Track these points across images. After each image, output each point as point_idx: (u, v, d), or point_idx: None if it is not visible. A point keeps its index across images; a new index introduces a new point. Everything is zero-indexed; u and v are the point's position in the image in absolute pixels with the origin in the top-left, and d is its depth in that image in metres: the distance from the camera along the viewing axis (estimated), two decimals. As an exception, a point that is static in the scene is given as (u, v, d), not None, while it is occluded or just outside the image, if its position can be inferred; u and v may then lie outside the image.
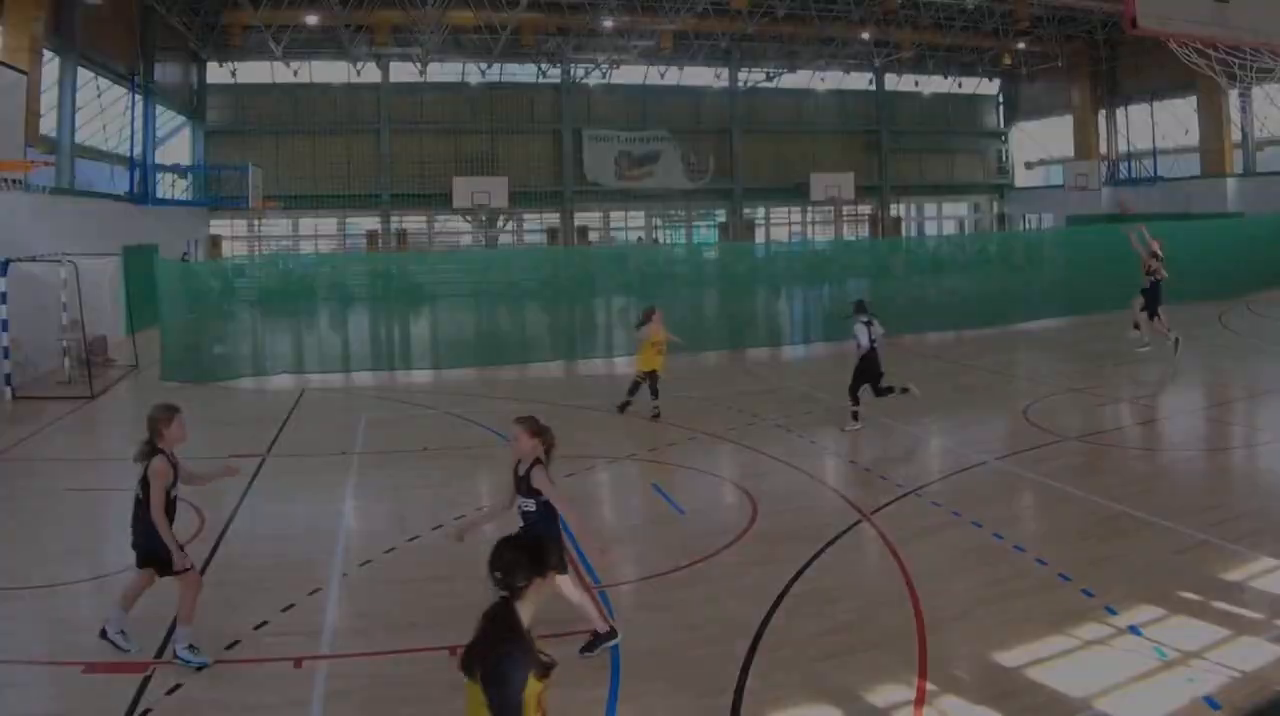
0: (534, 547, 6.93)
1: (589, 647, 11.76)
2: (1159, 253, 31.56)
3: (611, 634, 11.81)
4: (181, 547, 12.11)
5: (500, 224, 76.01)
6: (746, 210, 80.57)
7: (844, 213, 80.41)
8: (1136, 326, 31.59)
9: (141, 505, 12.00)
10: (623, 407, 26.31)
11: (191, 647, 11.83)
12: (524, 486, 11.81)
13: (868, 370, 23.36)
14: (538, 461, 11.75)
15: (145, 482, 11.96)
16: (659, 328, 26.00)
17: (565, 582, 11.63)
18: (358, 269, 51.40)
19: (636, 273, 50.32)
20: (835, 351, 36.26)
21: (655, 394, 25.98)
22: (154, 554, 12.01)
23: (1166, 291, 31.37)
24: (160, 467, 11.96)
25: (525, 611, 6.79)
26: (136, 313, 39.65)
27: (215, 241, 69.37)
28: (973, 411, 26.64)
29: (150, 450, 12.02)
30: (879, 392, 23.52)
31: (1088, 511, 16.93)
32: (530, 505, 11.83)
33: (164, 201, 56.19)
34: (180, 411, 12.43)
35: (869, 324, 23.16)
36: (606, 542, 12.08)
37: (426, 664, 11.93)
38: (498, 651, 6.55)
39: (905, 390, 23.51)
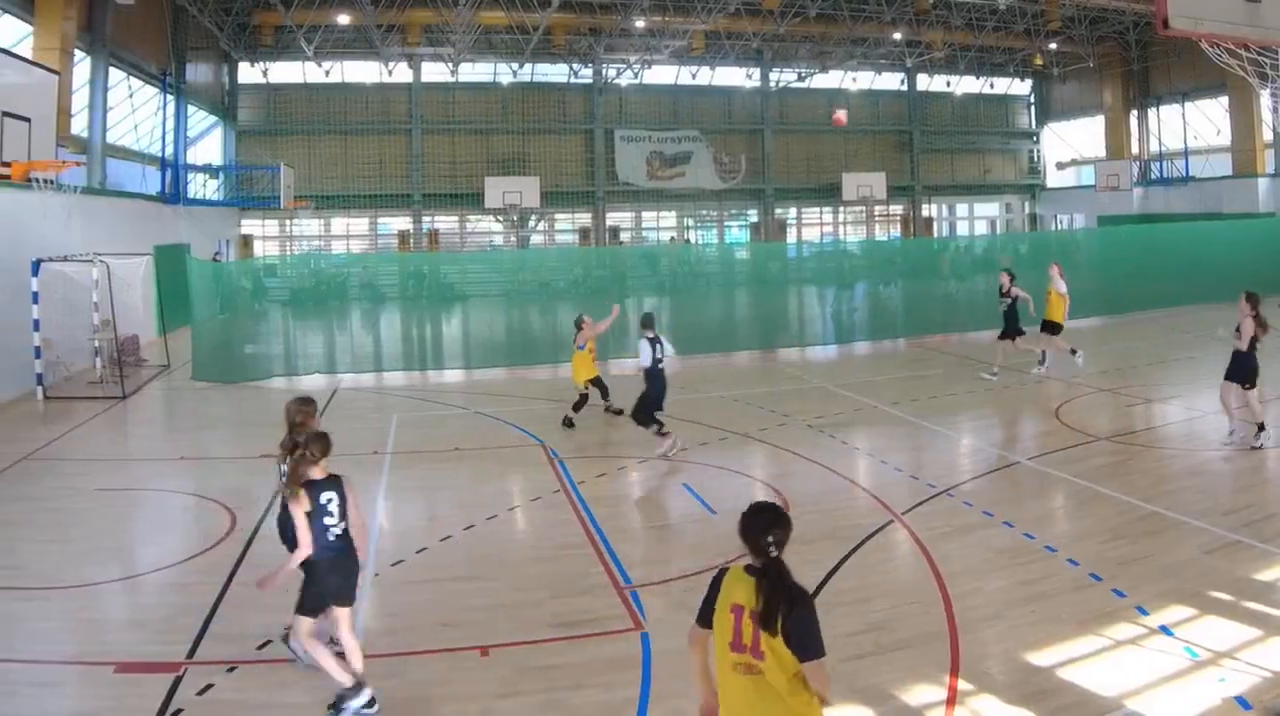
0: (778, 508, 7.51)
1: (334, 708, 10.87)
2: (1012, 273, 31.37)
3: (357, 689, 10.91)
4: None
5: (532, 224, 76.02)
6: (778, 210, 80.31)
7: (876, 213, 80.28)
8: (1042, 362, 31.37)
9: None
10: (570, 423, 25.17)
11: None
12: None
13: (652, 390, 22.40)
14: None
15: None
16: (591, 333, 25.51)
17: (344, 617, 11.32)
18: (389, 269, 51.68)
19: (668, 273, 50.41)
20: (868, 351, 36.47)
21: (606, 393, 26.03)
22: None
23: (1018, 317, 30.94)
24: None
25: None
26: (168, 313, 39.89)
27: (247, 241, 69.55)
28: (1005, 411, 26.67)
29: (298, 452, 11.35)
30: (639, 421, 22.39)
31: (1119, 511, 16.93)
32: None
33: (195, 201, 56.23)
34: (315, 403, 12.73)
35: (655, 341, 22.30)
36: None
37: (457, 663, 11.98)
38: (801, 605, 7.10)
39: (665, 437, 22.10)
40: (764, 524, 7.26)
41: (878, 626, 12.52)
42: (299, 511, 10.96)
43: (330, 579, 11.14)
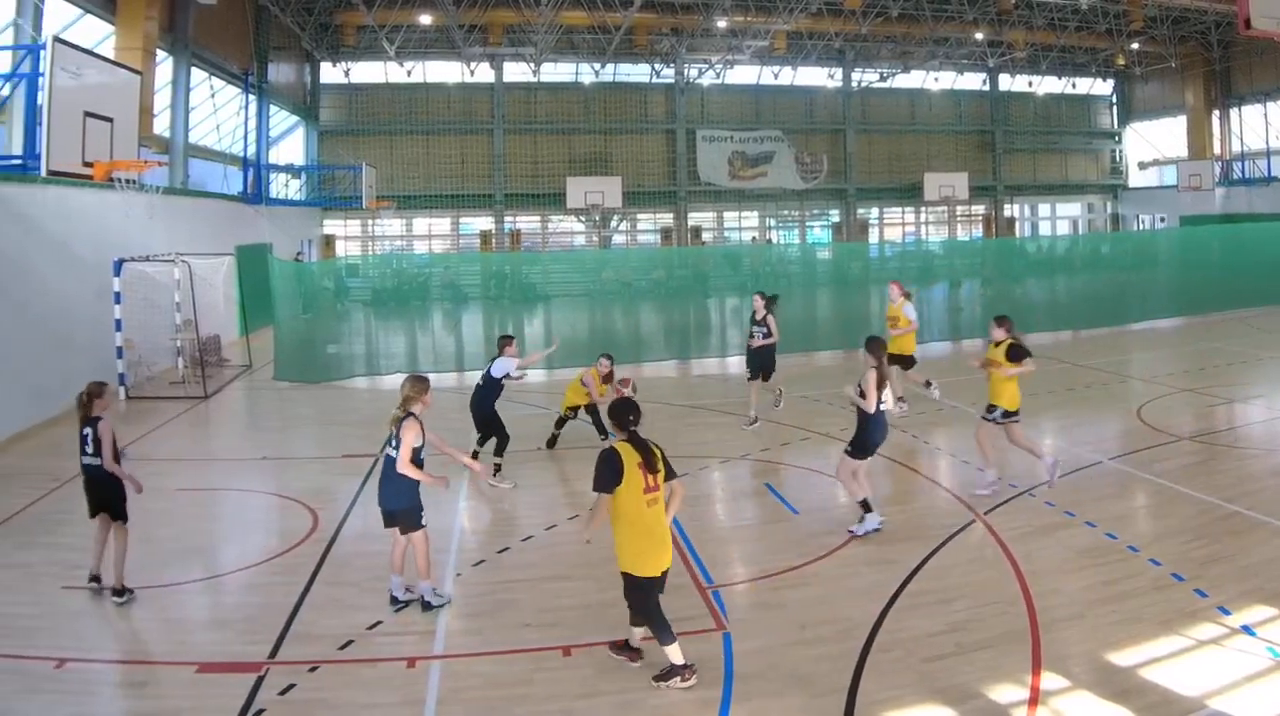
0: (633, 400, 12.17)
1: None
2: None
3: None
4: (446, 480, 14.18)
5: (614, 224, 75.92)
6: (860, 210, 79.97)
7: (958, 213, 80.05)
8: (912, 390, 27.72)
9: (392, 463, 13.55)
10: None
11: (436, 593, 13.96)
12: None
13: None
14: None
15: (398, 440, 13.52)
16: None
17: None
18: (471, 269, 51.66)
19: (750, 273, 50.33)
20: (949, 352, 36.90)
21: (600, 428, 22.70)
22: (396, 515, 13.80)
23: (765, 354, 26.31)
24: (414, 425, 13.62)
25: None
26: (250, 313, 40.20)
27: (329, 241, 70.15)
28: (1086, 411, 26.49)
29: (405, 415, 13.69)
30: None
31: (1201, 511, 16.89)
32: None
33: (277, 201, 56.71)
34: (429, 383, 14.29)
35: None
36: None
37: (539, 663, 12.07)
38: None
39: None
40: (627, 411, 11.72)
41: (959, 626, 12.56)
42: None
43: (86, 496, 14.53)
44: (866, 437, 17.02)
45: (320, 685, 11.56)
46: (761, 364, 25.99)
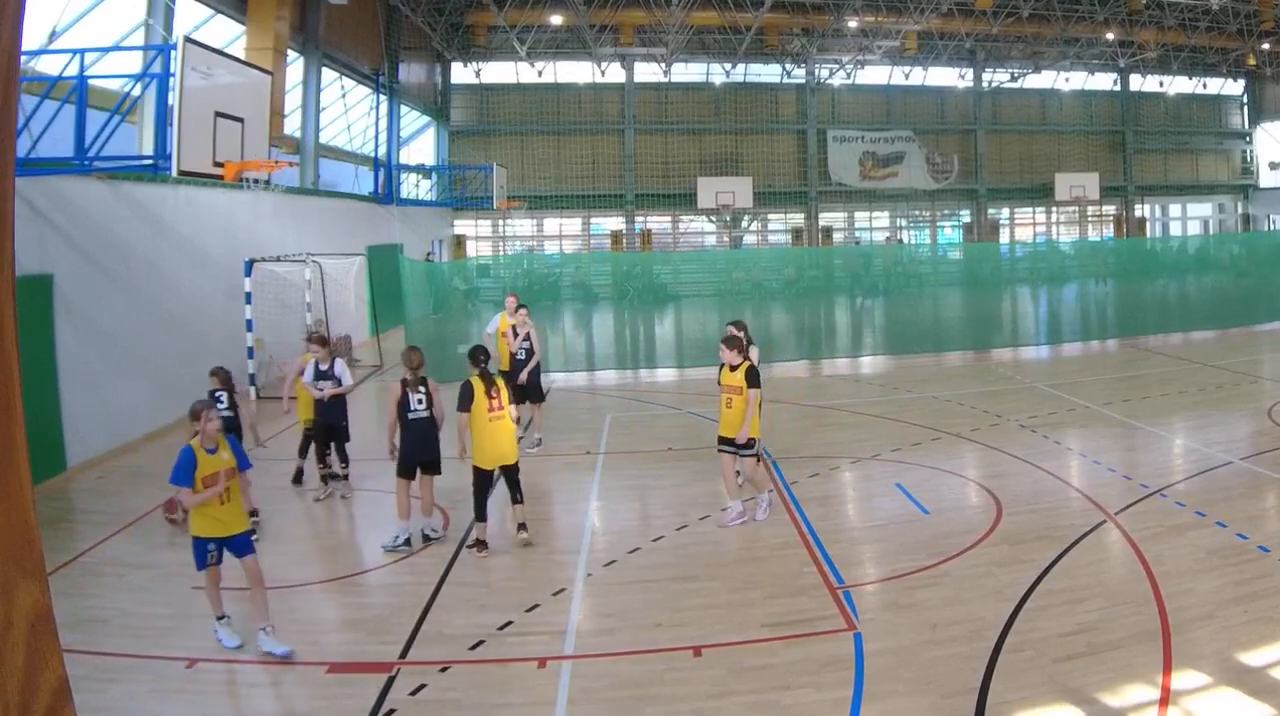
0: (484, 347, 16.82)
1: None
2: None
3: None
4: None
5: (744, 224, 76.13)
6: (991, 210, 79.36)
7: (1089, 213, 79.57)
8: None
9: (429, 421, 17.12)
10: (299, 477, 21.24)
11: (431, 527, 17.07)
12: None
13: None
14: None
15: (430, 399, 17.15)
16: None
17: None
18: (602, 269, 51.94)
19: (881, 273, 50.38)
20: (1080, 352, 36.83)
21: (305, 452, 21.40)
22: (434, 463, 17.18)
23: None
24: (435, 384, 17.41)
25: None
26: (381, 313, 40.63)
27: (459, 241, 70.81)
28: (1217, 411, 26.10)
29: (424, 377, 17.32)
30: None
31: (1333, 512, 16.44)
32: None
33: (408, 201, 57.20)
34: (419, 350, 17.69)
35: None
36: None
37: (672, 663, 12.11)
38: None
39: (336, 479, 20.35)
40: (481, 355, 16.34)
41: (1090, 627, 12.46)
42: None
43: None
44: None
45: (451, 685, 11.65)
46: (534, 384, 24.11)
